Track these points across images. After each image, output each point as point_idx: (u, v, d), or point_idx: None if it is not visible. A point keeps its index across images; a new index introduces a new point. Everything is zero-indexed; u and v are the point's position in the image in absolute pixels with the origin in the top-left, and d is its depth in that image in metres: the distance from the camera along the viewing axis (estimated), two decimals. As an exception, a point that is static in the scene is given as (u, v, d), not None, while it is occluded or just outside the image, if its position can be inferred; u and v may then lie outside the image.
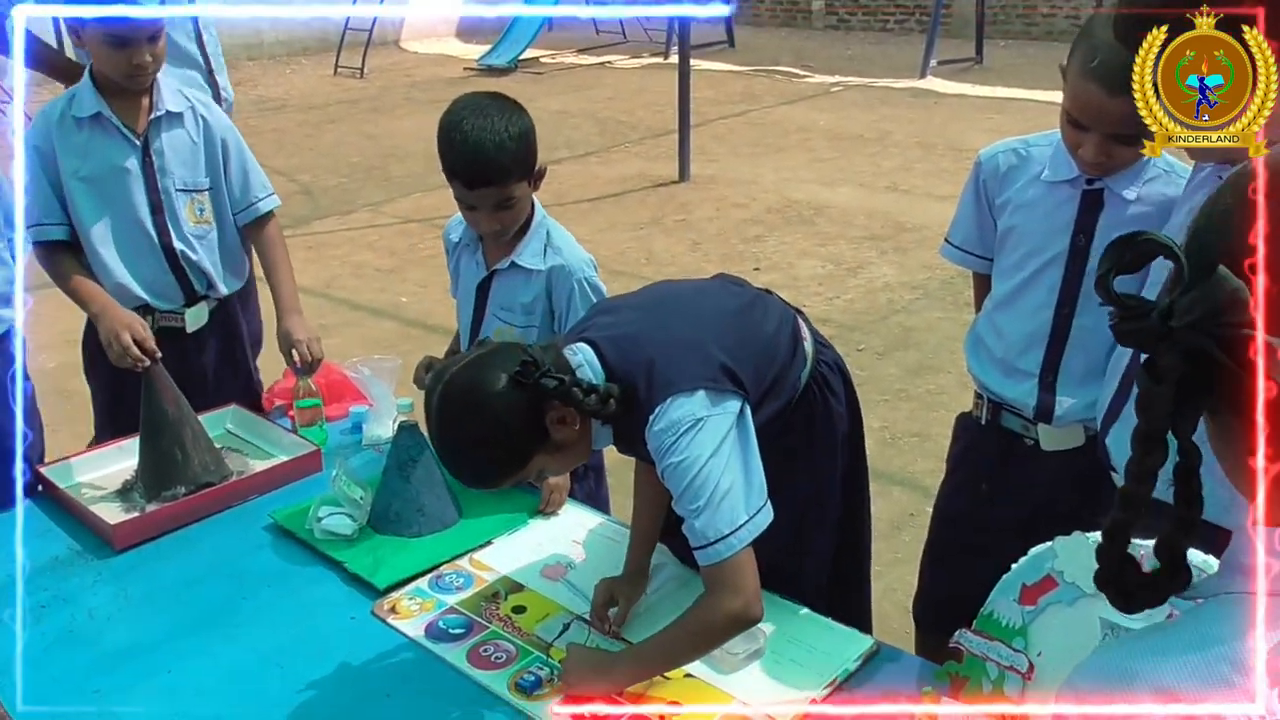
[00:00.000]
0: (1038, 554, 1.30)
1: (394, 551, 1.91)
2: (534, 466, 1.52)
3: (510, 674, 1.60)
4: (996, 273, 1.89)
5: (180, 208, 2.42)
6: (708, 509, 1.44)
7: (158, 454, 2.10)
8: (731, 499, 1.45)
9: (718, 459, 1.45)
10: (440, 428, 1.47)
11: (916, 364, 4.41)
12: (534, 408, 1.45)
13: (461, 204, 2.01)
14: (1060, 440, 1.85)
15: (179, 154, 2.41)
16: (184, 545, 1.99)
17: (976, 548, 1.86)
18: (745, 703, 1.52)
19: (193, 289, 2.47)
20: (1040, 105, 8.39)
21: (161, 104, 2.38)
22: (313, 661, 1.65)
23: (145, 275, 2.41)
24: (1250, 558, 0.71)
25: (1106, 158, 1.65)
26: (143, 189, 2.38)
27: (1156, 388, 0.71)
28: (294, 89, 10.85)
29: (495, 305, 2.11)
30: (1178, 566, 0.77)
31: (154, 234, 2.40)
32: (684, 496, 1.46)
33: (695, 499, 1.45)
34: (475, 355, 1.50)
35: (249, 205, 2.52)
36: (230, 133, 2.50)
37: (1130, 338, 0.72)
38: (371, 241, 6.25)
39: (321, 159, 8.08)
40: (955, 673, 1.37)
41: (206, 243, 2.47)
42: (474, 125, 1.90)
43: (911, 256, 5.67)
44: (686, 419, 1.46)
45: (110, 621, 1.77)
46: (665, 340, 1.55)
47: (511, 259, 2.06)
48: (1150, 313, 0.71)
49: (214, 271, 2.49)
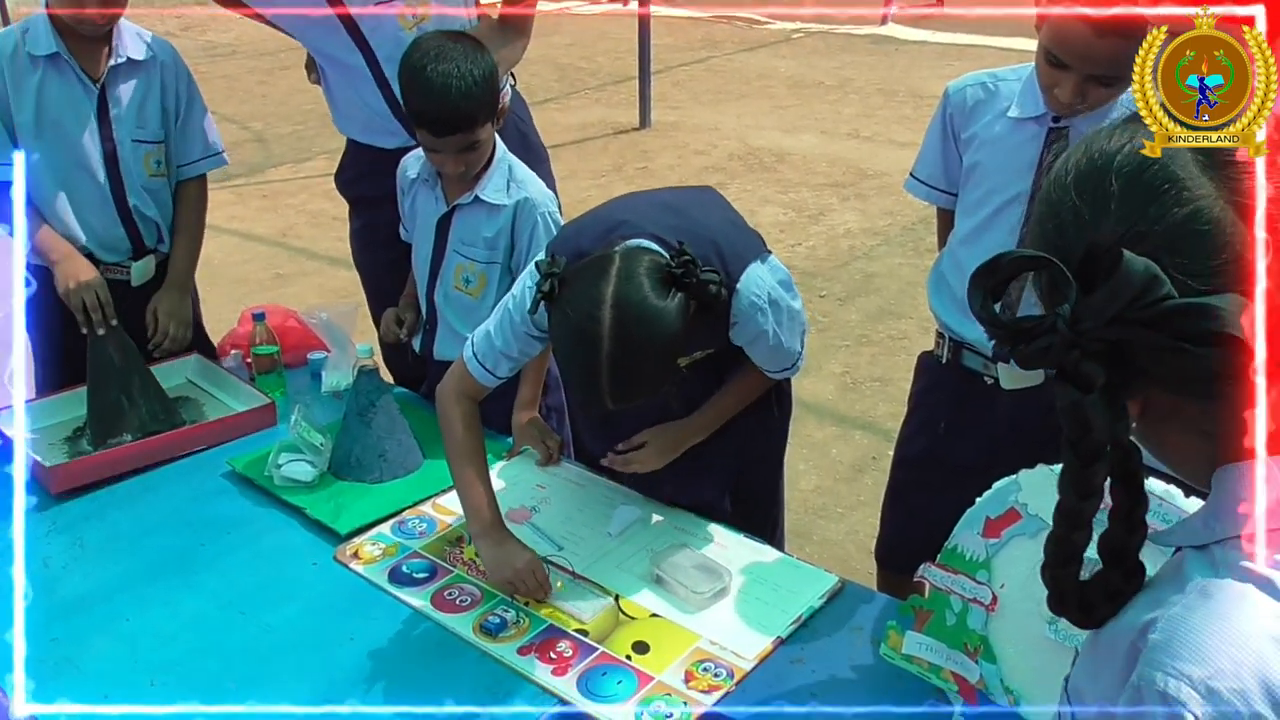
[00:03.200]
0: (1001, 487, 1.31)
1: (356, 497, 1.89)
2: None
3: (475, 616, 1.60)
4: (960, 209, 1.88)
5: (135, 159, 2.33)
6: (785, 352, 1.72)
7: (105, 402, 2.07)
8: (795, 332, 1.73)
9: (782, 310, 1.67)
10: (623, 354, 1.42)
11: (878, 309, 4.42)
12: (687, 306, 1.47)
13: (426, 147, 1.98)
14: (1019, 379, 1.84)
15: (136, 104, 2.31)
16: (139, 493, 1.95)
17: (936, 486, 1.87)
18: (713, 641, 1.53)
19: (141, 242, 2.39)
20: (1001, 52, 8.37)
21: (123, 50, 2.27)
22: (275, 607, 1.64)
23: (94, 226, 2.32)
24: (1245, 493, 0.70)
25: (1081, 100, 1.62)
26: (96, 139, 2.28)
27: (1087, 397, 0.69)
28: (244, 34, 10.56)
29: (456, 240, 2.08)
30: (1131, 570, 0.75)
31: (106, 185, 2.30)
32: (769, 351, 1.69)
33: (779, 344, 1.68)
34: (619, 267, 1.45)
35: (199, 159, 2.45)
36: (186, 82, 2.40)
37: (1039, 358, 0.69)
38: (328, 189, 6.05)
39: (275, 106, 7.91)
40: (920, 606, 1.38)
41: (161, 196, 2.40)
42: (438, 71, 1.86)
43: (873, 203, 5.67)
44: (763, 284, 1.63)
45: (66, 570, 1.74)
46: (709, 224, 1.65)
47: (475, 193, 2.03)
48: (1052, 326, 0.68)
49: (164, 224, 2.42)
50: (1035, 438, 1.81)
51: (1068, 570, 0.76)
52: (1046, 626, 1.26)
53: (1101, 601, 0.75)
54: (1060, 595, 0.77)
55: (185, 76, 2.41)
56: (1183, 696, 0.63)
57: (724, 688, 1.44)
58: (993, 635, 1.32)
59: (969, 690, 1.34)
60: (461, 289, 2.10)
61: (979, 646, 1.33)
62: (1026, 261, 0.71)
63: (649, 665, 1.48)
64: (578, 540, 1.78)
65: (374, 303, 2.62)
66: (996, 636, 1.32)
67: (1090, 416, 0.69)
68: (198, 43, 9.70)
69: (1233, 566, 0.68)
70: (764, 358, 1.73)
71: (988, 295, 0.70)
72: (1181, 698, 0.63)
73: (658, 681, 1.45)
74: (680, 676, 1.46)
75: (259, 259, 5.09)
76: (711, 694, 1.43)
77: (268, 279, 4.87)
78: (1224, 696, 0.62)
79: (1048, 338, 0.69)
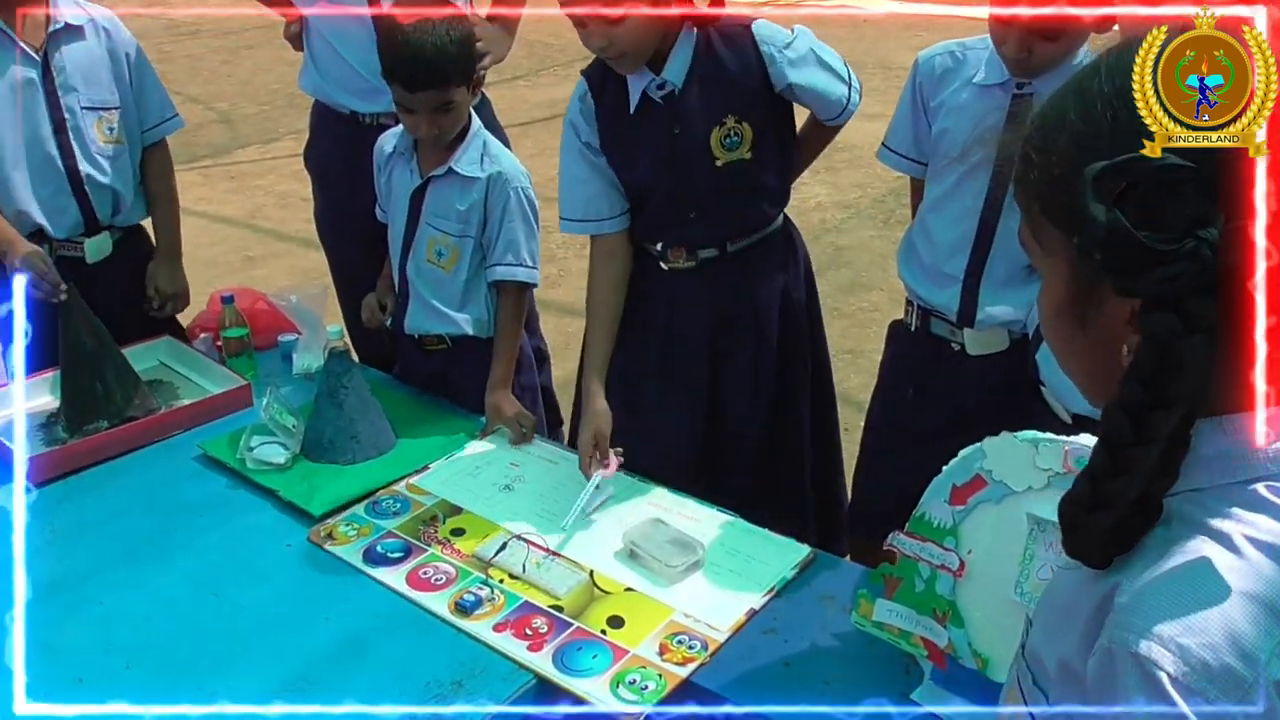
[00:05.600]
0: (967, 455, 1.32)
1: (329, 479, 1.89)
2: None
3: (450, 595, 1.60)
4: (929, 176, 1.90)
5: (88, 127, 2.29)
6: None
7: (78, 388, 2.04)
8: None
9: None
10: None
11: (849, 282, 4.44)
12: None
13: (400, 107, 1.97)
14: (984, 344, 1.87)
15: (82, 69, 2.28)
16: (109, 478, 1.94)
17: (906, 454, 1.90)
18: (687, 613, 1.54)
19: (94, 216, 2.34)
20: (968, 23, 8.36)
21: (60, 16, 2.24)
22: (249, 588, 1.64)
23: (43, 198, 2.27)
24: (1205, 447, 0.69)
25: (1027, 54, 1.64)
26: (44, 107, 2.24)
27: (1191, 338, 0.64)
28: (207, 13, 10.43)
29: (429, 213, 2.08)
30: (1156, 512, 0.70)
31: (57, 155, 2.26)
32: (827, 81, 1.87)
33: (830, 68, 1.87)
34: None
35: (159, 124, 2.43)
36: (133, 46, 2.38)
37: (1159, 286, 0.63)
38: (296, 170, 6.00)
39: (240, 86, 7.82)
40: (889, 574, 1.40)
41: (119, 164, 2.36)
42: (415, 27, 1.87)
43: (843, 176, 5.68)
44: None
45: (37, 555, 1.70)
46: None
47: (449, 165, 2.04)
48: (1193, 252, 0.62)
49: (124, 194, 2.38)
50: (1001, 402, 1.85)
51: (1099, 516, 0.71)
52: (1012, 590, 1.28)
53: (1120, 544, 0.71)
54: (1082, 539, 0.73)
55: (130, 41, 2.38)
56: (1154, 655, 0.64)
57: (698, 659, 1.45)
58: (960, 600, 1.34)
59: (938, 655, 1.36)
60: (434, 261, 2.10)
61: (947, 612, 1.35)
62: (1169, 171, 0.63)
63: (624, 639, 1.50)
64: (551, 517, 1.78)
65: (341, 283, 2.61)
66: (964, 601, 1.34)
67: (1186, 359, 0.65)
68: (159, 21, 9.54)
69: (1195, 523, 0.69)
70: (825, 88, 1.87)
71: (1111, 201, 0.64)
72: (1153, 657, 0.64)
73: (633, 655, 1.47)
74: (655, 649, 1.47)
75: (228, 241, 5.05)
76: (686, 666, 1.44)
77: (237, 261, 4.83)
78: (1194, 652, 0.63)
79: (1183, 264, 0.63)
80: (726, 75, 1.81)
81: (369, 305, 2.26)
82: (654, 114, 1.85)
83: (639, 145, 1.88)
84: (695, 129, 1.83)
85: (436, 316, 2.12)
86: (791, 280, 2.02)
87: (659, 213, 1.94)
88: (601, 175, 1.93)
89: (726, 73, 1.81)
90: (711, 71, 1.82)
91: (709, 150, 1.83)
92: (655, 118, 1.85)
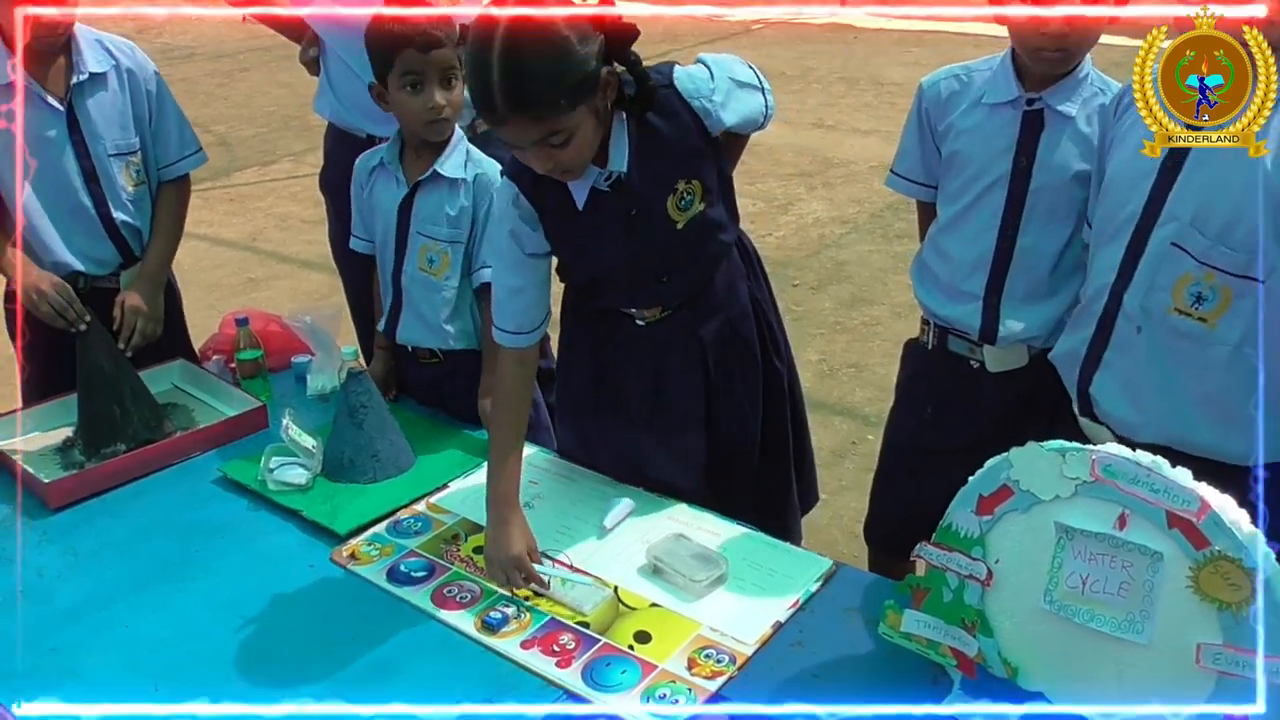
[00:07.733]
0: (993, 465, 1.33)
1: (351, 498, 1.90)
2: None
3: (476, 613, 1.61)
4: (941, 198, 1.92)
5: (117, 173, 2.30)
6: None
7: (96, 412, 2.05)
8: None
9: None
10: (513, 44, 1.47)
11: (850, 297, 4.46)
12: (604, 57, 1.56)
13: (407, 72, 1.96)
14: (1004, 361, 1.89)
15: (108, 117, 2.27)
16: (129, 501, 1.95)
17: (925, 470, 1.91)
18: (713, 627, 1.55)
19: (130, 253, 2.37)
20: (956, 38, 8.45)
21: (84, 66, 2.22)
22: (273, 609, 1.64)
23: (81, 246, 2.28)
24: None
25: (1070, 28, 1.63)
26: (73, 158, 2.24)
27: None
28: (202, 36, 10.46)
29: (419, 220, 2.09)
30: None
31: (89, 204, 2.27)
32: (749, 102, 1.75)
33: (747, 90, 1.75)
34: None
35: (176, 162, 2.43)
36: (154, 81, 2.37)
37: None
38: (295, 192, 6.10)
39: (236, 109, 7.84)
40: (917, 585, 1.41)
41: (143, 205, 2.37)
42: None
43: (840, 191, 5.72)
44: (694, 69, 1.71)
45: (60, 580, 1.73)
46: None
47: (434, 168, 2.05)
48: None
49: (147, 230, 2.39)
50: (1022, 418, 1.86)
51: None
52: (1041, 598, 1.30)
53: None
54: None
55: (152, 76, 2.37)
56: None
57: (727, 673, 1.46)
58: (989, 609, 1.35)
59: (968, 664, 1.37)
60: (426, 269, 2.12)
61: (975, 621, 1.36)
62: None
63: (652, 654, 1.50)
64: (573, 534, 1.79)
65: (355, 304, 2.62)
66: (992, 610, 1.35)
67: None
68: (154, 45, 9.56)
69: None
70: (752, 111, 1.77)
71: None
72: None
73: (661, 670, 1.47)
74: (683, 664, 1.48)
75: (230, 264, 5.06)
76: (715, 680, 1.45)
77: (239, 284, 4.84)
78: None
79: None
80: (666, 143, 1.70)
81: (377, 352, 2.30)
82: (605, 204, 1.73)
83: (596, 237, 1.77)
84: (651, 204, 1.73)
85: (426, 328, 2.14)
86: (755, 286, 1.96)
87: (628, 284, 1.84)
88: (537, 284, 1.81)
89: (666, 140, 1.70)
90: (652, 145, 1.70)
91: (668, 218, 1.73)
92: (607, 207, 1.73)
